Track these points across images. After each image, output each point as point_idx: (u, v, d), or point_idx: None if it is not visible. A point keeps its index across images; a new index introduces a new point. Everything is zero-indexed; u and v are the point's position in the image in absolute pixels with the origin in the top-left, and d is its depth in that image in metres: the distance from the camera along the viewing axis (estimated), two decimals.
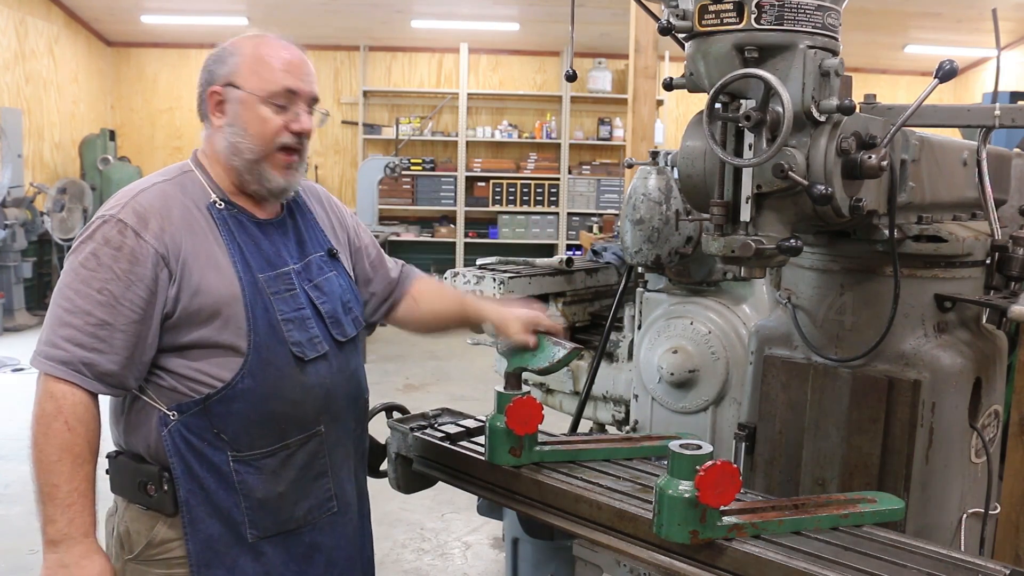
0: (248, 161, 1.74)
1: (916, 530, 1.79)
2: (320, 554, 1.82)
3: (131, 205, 1.67)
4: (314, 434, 1.79)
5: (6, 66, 9.03)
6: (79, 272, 1.63)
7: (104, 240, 1.63)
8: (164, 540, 1.70)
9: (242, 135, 1.73)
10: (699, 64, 1.60)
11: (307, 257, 1.84)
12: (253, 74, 1.72)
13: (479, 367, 7.18)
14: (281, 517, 1.76)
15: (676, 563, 1.52)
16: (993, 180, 2.02)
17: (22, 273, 8.77)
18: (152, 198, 1.69)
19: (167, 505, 1.68)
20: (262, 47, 1.74)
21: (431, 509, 4.52)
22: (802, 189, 1.50)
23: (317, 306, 1.80)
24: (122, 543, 1.74)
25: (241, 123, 1.72)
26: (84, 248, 1.64)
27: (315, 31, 10.75)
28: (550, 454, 1.85)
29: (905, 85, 11.62)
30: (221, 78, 1.73)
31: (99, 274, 1.61)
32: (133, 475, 1.72)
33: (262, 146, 1.73)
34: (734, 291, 2.90)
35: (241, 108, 1.72)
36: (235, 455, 1.70)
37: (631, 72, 5.99)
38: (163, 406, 1.68)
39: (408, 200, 11.11)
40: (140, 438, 1.72)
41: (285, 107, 1.74)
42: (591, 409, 3.35)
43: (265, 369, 1.70)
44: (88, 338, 1.60)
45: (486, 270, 3.32)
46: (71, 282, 1.63)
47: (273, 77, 1.72)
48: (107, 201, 1.73)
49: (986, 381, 1.94)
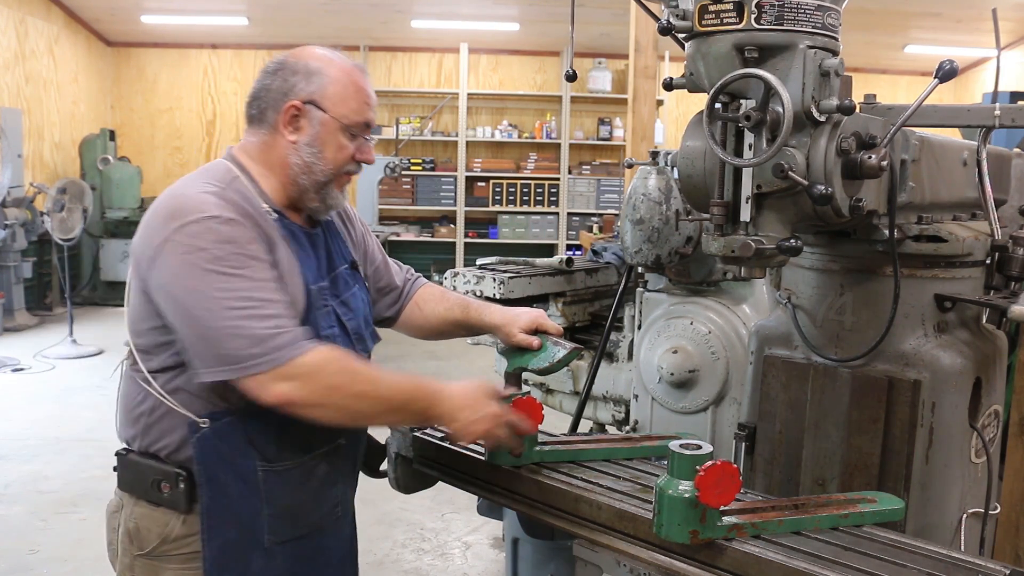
0: (318, 182, 1.75)
1: (916, 530, 1.79)
2: (322, 556, 1.84)
3: (213, 203, 1.60)
4: (337, 446, 1.82)
5: (6, 66, 9.03)
6: (237, 272, 1.56)
7: (216, 240, 1.56)
8: (180, 536, 1.70)
9: (318, 157, 1.73)
10: (699, 64, 1.60)
11: (334, 271, 1.85)
12: (341, 101, 1.73)
13: (479, 367, 7.18)
14: (299, 524, 1.78)
15: (676, 563, 1.52)
16: (993, 180, 2.02)
17: (22, 273, 8.77)
18: (233, 200, 1.65)
19: (181, 503, 1.68)
20: (352, 74, 1.75)
21: (431, 509, 4.52)
22: (802, 189, 1.50)
23: (344, 323, 1.82)
24: (131, 539, 1.73)
25: (319, 144, 1.73)
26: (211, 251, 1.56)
27: (315, 31, 10.75)
28: (550, 454, 1.85)
29: (905, 85, 11.63)
30: (304, 94, 1.71)
31: (253, 264, 1.58)
32: (146, 473, 1.71)
33: (334, 171, 1.76)
34: (734, 291, 2.90)
35: (322, 130, 1.72)
36: (264, 465, 1.70)
37: (631, 72, 5.99)
38: (193, 413, 1.66)
39: (408, 200, 11.11)
40: (161, 441, 1.70)
41: (357, 136, 1.77)
42: (591, 409, 3.35)
43: None
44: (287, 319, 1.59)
45: (486, 270, 3.32)
46: (236, 285, 1.56)
47: (359, 109, 1.75)
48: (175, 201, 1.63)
49: (986, 381, 1.94)
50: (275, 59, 1.78)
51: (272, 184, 1.76)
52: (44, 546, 4.05)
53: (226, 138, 11.50)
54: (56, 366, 7.31)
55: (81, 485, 4.76)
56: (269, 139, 1.76)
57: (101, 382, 6.85)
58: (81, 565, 3.87)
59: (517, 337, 1.97)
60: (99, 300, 10.07)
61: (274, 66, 1.76)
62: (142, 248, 1.64)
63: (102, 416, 6.06)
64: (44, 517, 4.37)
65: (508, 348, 2.01)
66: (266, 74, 1.76)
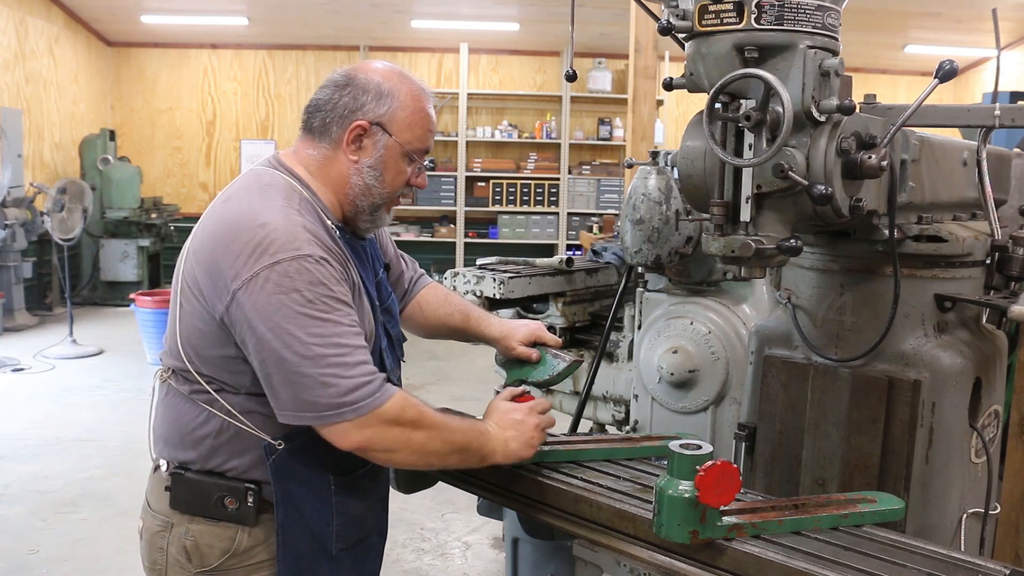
0: (374, 204, 1.74)
1: (916, 530, 1.79)
2: (372, 552, 1.88)
3: (303, 239, 1.56)
4: None
5: (6, 66, 9.03)
6: (328, 317, 1.54)
7: (309, 283, 1.53)
8: (247, 548, 1.69)
9: (378, 180, 1.72)
10: (699, 64, 1.60)
11: (377, 278, 1.85)
12: (408, 127, 1.71)
13: (479, 367, 7.18)
14: (363, 529, 1.80)
15: (676, 563, 1.52)
16: (993, 180, 2.02)
17: (22, 273, 8.77)
18: (316, 231, 1.61)
19: (249, 516, 1.66)
20: (420, 99, 1.73)
21: (431, 509, 4.52)
22: (802, 189, 1.50)
23: (388, 330, 1.83)
24: (189, 557, 1.69)
25: (381, 167, 1.71)
26: (305, 293, 1.53)
27: (315, 31, 10.75)
28: (550, 454, 1.85)
29: (905, 85, 11.63)
30: (372, 115, 1.68)
31: (342, 311, 1.57)
32: (209, 491, 1.67)
33: (391, 195, 1.76)
34: (734, 291, 2.90)
35: (385, 153, 1.71)
36: (336, 477, 1.71)
37: (631, 72, 5.99)
38: (268, 435, 1.64)
39: (408, 200, 11.04)
40: (230, 461, 1.68)
41: (415, 161, 1.76)
42: (591, 409, 3.35)
43: None
44: (368, 367, 1.58)
45: (486, 270, 3.32)
46: (328, 330, 1.54)
47: (423, 136, 1.74)
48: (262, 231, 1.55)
49: (986, 381, 1.94)
50: (343, 72, 1.73)
51: (330, 199, 1.73)
52: (44, 546, 4.05)
53: (226, 138, 11.51)
54: (56, 366, 7.31)
55: (81, 485, 4.76)
56: (330, 154, 1.71)
57: (101, 382, 6.85)
58: (81, 565, 3.88)
59: (517, 350, 1.99)
60: (99, 300, 10.06)
61: (343, 80, 1.71)
62: (222, 275, 1.56)
63: (102, 416, 6.07)
64: (44, 517, 4.37)
65: (507, 360, 2.02)
66: (334, 87, 1.70)
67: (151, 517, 1.74)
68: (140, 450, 1.85)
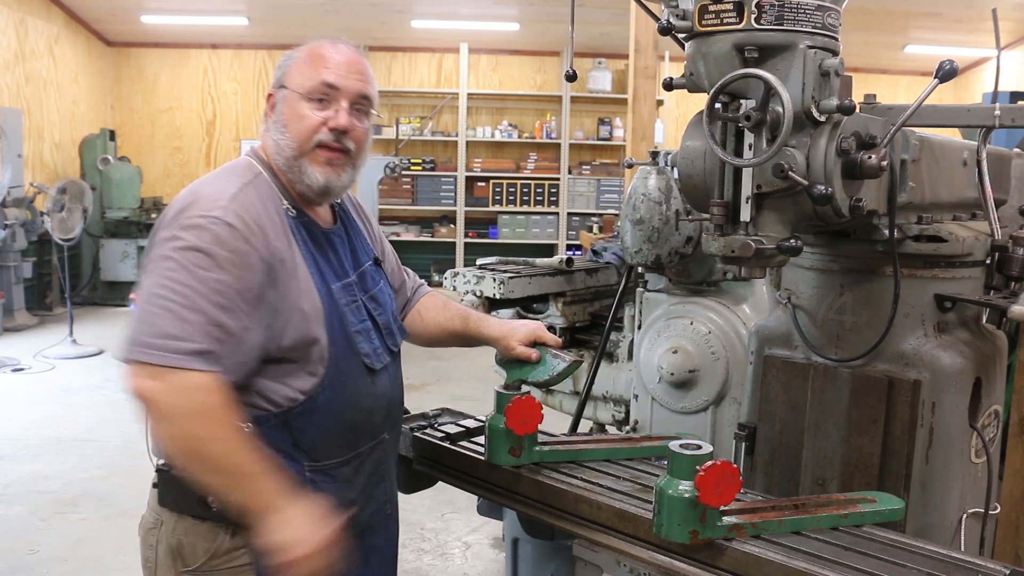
0: (288, 159, 1.72)
1: (916, 530, 1.79)
2: (375, 556, 1.85)
3: (234, 209, 1.59)
4: (380, 441, 1.83)
5: (6, 66, 9.02)
6: (193, 271, 1.53)
7: (217, 241, 1.55)
8: (229, 549, 1.66)
9: (283, 132, 1.72)
10: (699, 64, 1.60)
11: (360, 267, 1.85)
12: (298, 73, 1.72)
13: (479, 367, 7.18)
14: (350, 524, 1.74)
15: (676, 563, 1.52)
16: (993, 180, 2.02)
17: (22, 273, 8.76)
18: (250, 204, 1.63)
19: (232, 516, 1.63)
20: (315, 48, 1.74)
21: (431, 509, 4.52)
22: (802, 189, 1.50)
23: (375, 317, 1.82)
24: (175, 556, 1.68)
25: (283, 120, 1.72)
26: (188, 246, 1.54)
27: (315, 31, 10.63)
28: (550, 454, 1.85)
29: (905, 85, 11.62)
30: (277, 81, 1.75)
31: (217, 275, 1.54)
32: (192, 487, 1.63)
33: (299, 143, 1.71)
34: (734, 291, 2.90)
35: (285, 106, 1.72)
36: (311, 465, 1.69)
37: (631, 72, 5.99)
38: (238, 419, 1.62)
39: (408, 200, 11.11)
40: None
41: (326, 104, 1.71)
42: (591, 409, 3.35)
43: (343, 381, 1.70)
44: (204, 338, 1.52)
45: (486, 270, 3.32)
46: (183, 279, 1.53)
47: (313, 74, 1.71)
48: (188, 198, 1.62)
49: (986, 381, 1.94)
50: None
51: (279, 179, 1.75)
52: (44, 546, 4.04)
53: (226, 138, 11.51)
54: (56, 366, 7.31)
55: (81, 485, 4.76)
56: (264, 132, 1.78)
57: (101, 382, 6.84)
58: (81, 565, 3.87)
59: (516, 350, 1.99)
60: (99, 300, 10.05)
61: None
62: (148, 245, 1.65)
63: (102, 416, 6.06)
64: (44, 517, 4.37)
65: (506, 360, 2.02)
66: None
67: (147, 513, 1.75)
68: (140, 450, 1.84)
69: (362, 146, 1.77)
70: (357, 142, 1.75)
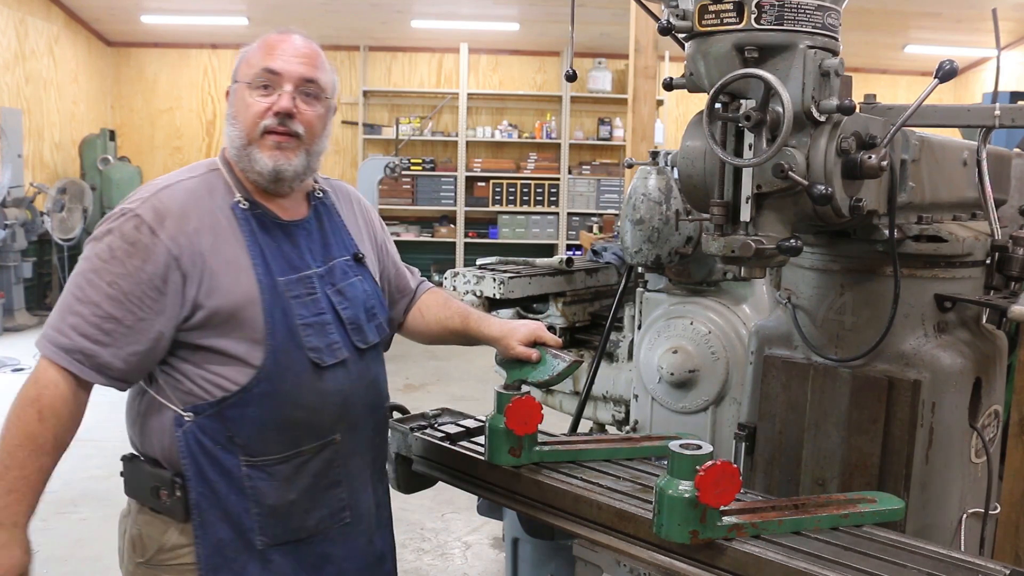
0: (238, 148, 1.73)
1: (916, 530, 1.79)
2: (331, 565, 1.80)
3: (151, 201, 1.65)
4: (329, 442, 1.77)
5: (6, 66, 9.03)
6: (93, 262, 1.62)
7: (120, 234, 1.62)
8: (175, 546, 1.69)
9: (233, 123, 1.74)
10: (699, 64, 1.60)
11: (331, 261, 1.83)
12: (246, 64, 1.75)
13: (479, 367, 7.18)
14: (292, 525, 1.73)
15: (676, 563, 1.52)
16: (993, 180, 2.02)
17: (22, 273, 8.77)
18: (174, 196, 1.67)
19: (179, 511, 1.67)
20: (263, 39, 1.76)
21: (431, 509, 4.52)
22: (802, 189, 1.50)
23: (339, 311, 1.79)
24: (134, 546, 1.73)
25: (233, 112, 1.75)
26: (102, 239, 1.63)
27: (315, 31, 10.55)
28: (550, 454, 1.85)
29: (905, 85, 11.62)
30: (232, 77, 1.77)
31: (111, 267, 1.60)
32: (147, 479, 1.71)
33: (246, 131, 1.71)
34: (734, 291, 2.90)
35: (235, 98, 1.75)
36: (247, 460, 1.68)
37: (631, 72, 5.99)
38: (179, 407, 1.66)
39: (408, 200, 11.11)
40: (155, 441, 1.71)
41: (270, 91, 1.71)
42: (591, 409, 3.35)
43: (282, 374, 1.68)
44: (93, 329, 1.58)
45: (486, 270, 3.32)
46: (85, 271, 1.62)
47: (256, 61, 1.73)
48: (132, 192, 1.73)
49: (986, 381, 1.94)
50: None
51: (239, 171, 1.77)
52: (44, 546, 4.01)
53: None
54: None
55: (81, 485, 4.76)
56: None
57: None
58: (80, 565, 3.88)
59: (516, 350, 1.98)
60: None
61: None
62: None
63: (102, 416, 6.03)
64: (44, 517, 4.35)
65: (507, 360, 2.02)
66: None
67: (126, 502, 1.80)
68: None
69: (314, 130, 1.75)
70: (307, 125, 1.73)
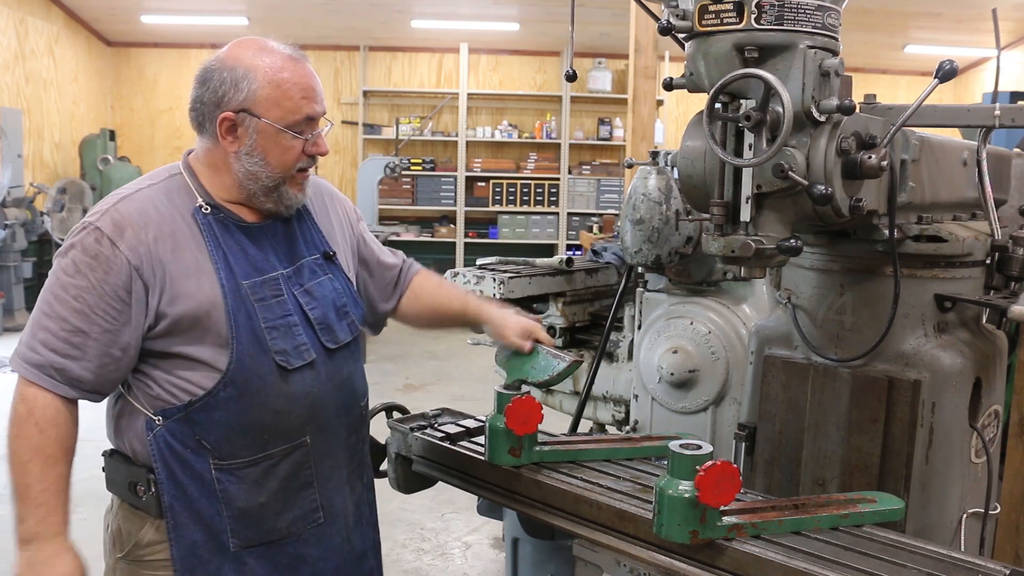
0: (266, 187, 1.73)
1: (916, 530, 1.79)
2: (305, 566, 1.80)
3: (110, 213, 1.65)
4: (299, 444, 1.76)
5: (6, 66, 9.02)
6: (59, 278, 1.63)
7: (83, 248, 1.63)
8: (151, 542, 1.71)
9: (262, 164, 1.70)
10: (699, 64, 1.60)
11: (299, 261, 1.81)
12: (273, 104, 1.67)
13: (479, 367, 7.18)
14: (263, 527, 1.74)
15: (676, 563, 1.52)
16: (993, 180, 2.02)
17: (22, 273, 8.77)
18: (132, 206, 1.67)
19: (153, 507, 1.69)
20: (279, 72, 1.68)
21: (431, 509, 4.52)
22: (802, 189, 1.50)
23: (306, 312, 1.77)
24: (114, 540, 1.76)
25: (260, 152, 1.70)
26: (67, 254, 1.64)
27: (315, 31, 10.74)
28: (550, 454, 1.85)
29: (905, 85, 11.62)
30: (235, 103, 1.67)
31: (76, 281, 1.61)
32: (124, 475, 1.73)
33: (282, 174, 1.73)
34: (734, 291, 2.90)
35: (260, 137, 1.68)
36: (217, 463, 1.69)
37: (631, 72, 5.99)
38: (149, 411, 1.68)
39: (408, 200, 11.11)
40: (128, 440, 1.73)
41: (303, 132, 1.72)
42: (591, 409, 3.35)
43: (247, 378, 1.68)
44: (62, 344, 1.60)
45: (486, 270, 3.32)
46: (52, 286, 1.64)
47: (294, 107, 1.69)
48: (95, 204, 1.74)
49: (986, 381, 1.94)
50: (203, 66, 1.73)
51: (224, 181, 1.74)
52: None
53: None
54: None
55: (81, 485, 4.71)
56: (212, 146, 1.75)
57: None
58: None
59: (509, 337, 1.98)
60: None
61: (203, 75, 1.72)
62: None
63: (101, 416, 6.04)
64: None
65: (506, 358, 2.03)
66: (196, 85, 1.72)
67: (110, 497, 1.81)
68: None
69: None
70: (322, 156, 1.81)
